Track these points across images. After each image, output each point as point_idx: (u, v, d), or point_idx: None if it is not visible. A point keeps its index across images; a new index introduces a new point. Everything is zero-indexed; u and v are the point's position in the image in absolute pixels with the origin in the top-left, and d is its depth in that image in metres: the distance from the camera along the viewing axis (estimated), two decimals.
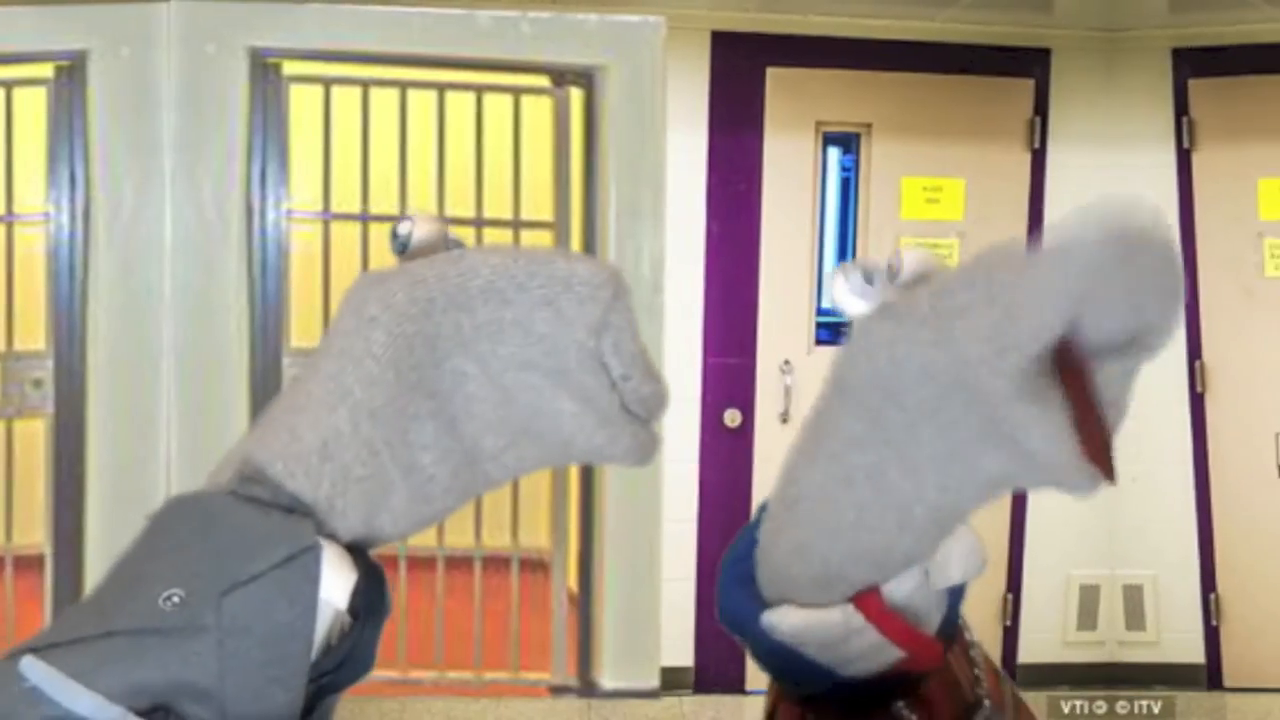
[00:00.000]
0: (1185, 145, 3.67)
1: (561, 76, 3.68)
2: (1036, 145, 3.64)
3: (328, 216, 3.65)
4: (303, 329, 3.71)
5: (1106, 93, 3.64)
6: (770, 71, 3.60)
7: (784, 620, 0.61)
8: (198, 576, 0.52)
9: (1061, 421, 0.55)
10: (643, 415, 0.60)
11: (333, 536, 0.55)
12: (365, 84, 3.63)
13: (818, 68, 3.61)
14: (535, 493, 3.72)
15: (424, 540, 3.96)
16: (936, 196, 3.66)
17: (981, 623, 3.95)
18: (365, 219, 3.70)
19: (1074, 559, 3.76)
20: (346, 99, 3.62)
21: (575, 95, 3.67)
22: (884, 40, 3.61)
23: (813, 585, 0.61)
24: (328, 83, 3.50)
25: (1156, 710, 3.75)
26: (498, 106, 3.65)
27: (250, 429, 0.58)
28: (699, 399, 3.66)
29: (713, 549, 4.05)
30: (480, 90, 3.63)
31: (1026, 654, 3.71)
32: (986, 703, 0.64)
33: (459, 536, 3.75)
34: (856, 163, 3.63)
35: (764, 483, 3.95)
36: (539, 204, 3.66)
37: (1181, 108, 3.66)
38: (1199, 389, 3.78)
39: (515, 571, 3.78)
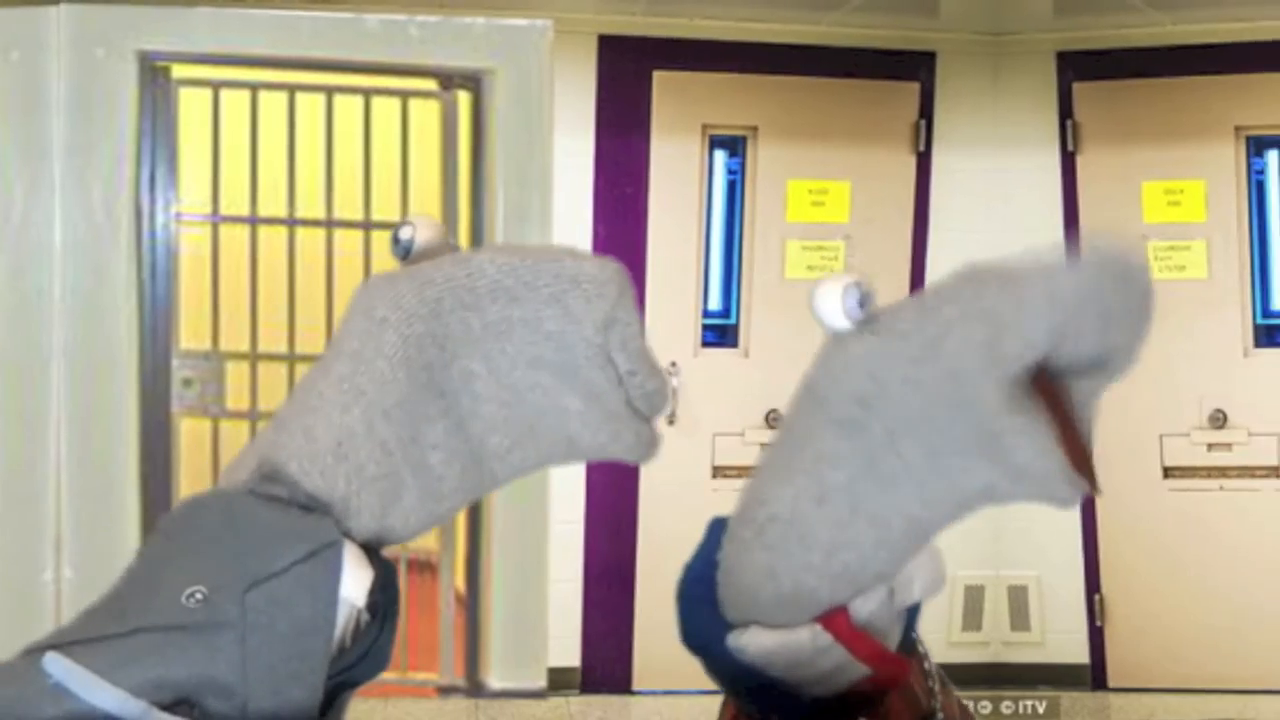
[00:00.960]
0: (1069, 148, 3.77)
1: (449, 80, 3.76)
2: (922, 148, 3.73)
3: (217, 219, 3.73)
4: (192, 331, 3.80)
5: (991, 96, 3.73)
6: (657, 75, 3.69)
7: (752, 642, 0.62)
8: (220, 573, 0.54)
9: (1049, 434, 0.57)
10: (645, 411, 0.61)
11: (348, 535, 0.57)
12: (254, 87, 3.72)
13: (704, 71, 3.70)
14: None
15: None
16: (822, 199, 3.74)
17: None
18: (254, 221, 3.78)
19: (959, 560, 3.83)
20: (235, 102, 3.69)
21: (463, 98, 3.76)
22: (770, 44, 3.70)
23: (781, 606, 0.61)
24: (216, 86, 3.60)
25: (1041, 710, 3.84)
26: (386, 110, 3.73)
27: (265, 429, 0.59)
28: None
29: (599, 550, 4.14)
30: (368, 93, 3.71)
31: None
32: (940, 715, 0.66)
33: None
34: (743, 165, 3.72)
35: (650, 485, 4.07)
36: (427, 206, 3.76)
37: (1066, 111, 3.76)
38: None
39: (403, 572, 3.85)
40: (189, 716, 0.52)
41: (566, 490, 3.89)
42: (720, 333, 3.90)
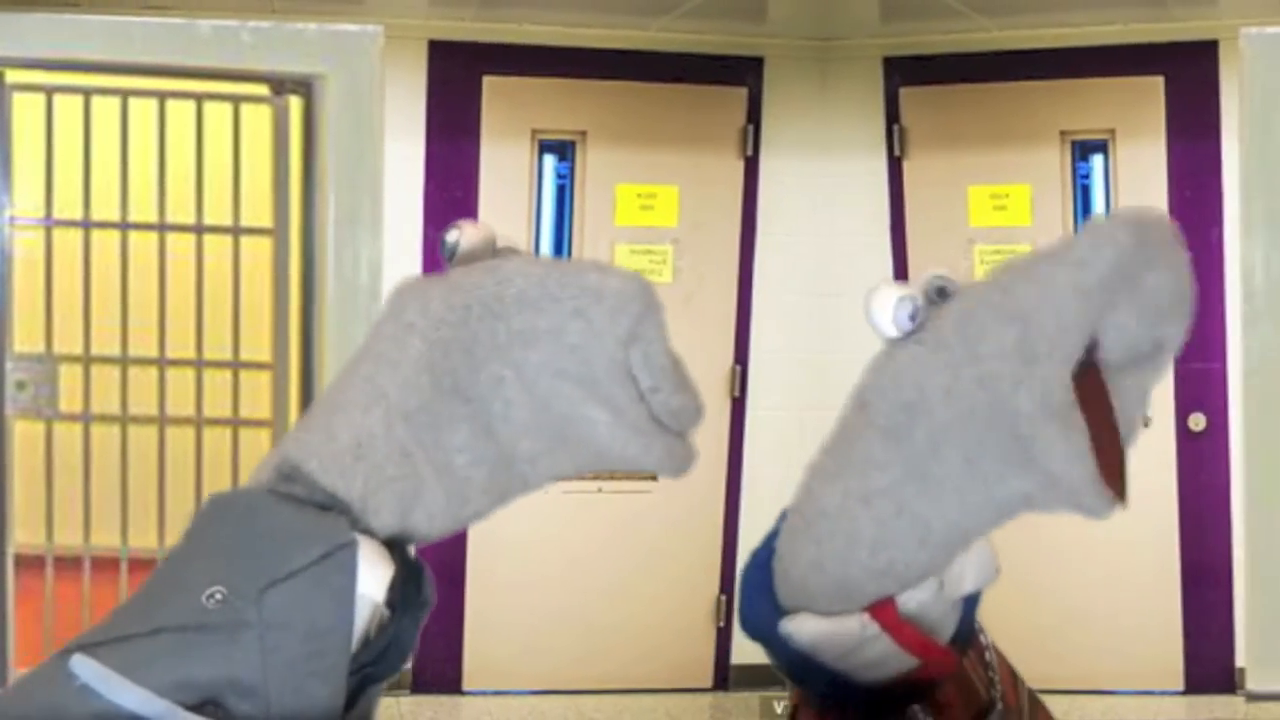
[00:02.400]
0: (896, 153, 3.89)
1: (281, 85, 3.89)
2: (749, 153, 3.85)
3: (50, 223, 3.85)
4: (25, 334, 3.90)
5: (819, 101, 3.86)
6: (486, 80, 3.81)
7: (801, 628, 0.63)
8: (238, 573, 0.54)
9: (1083, 443, 0.58)
10: (674, 427, 0.61)
11: (369, 533, 0.57)
12: (87, 92, 3.83)
13: (533, 76, 3.82)
14: None
15: (144, 542, 4.15)
16: (651, 203, 3.86)
17: (694, 624, 4.15)
18: (87, 225, 3.90)
19: None
20: (69, 107, 3.80)
21: (294, 103, 3.89)
22: (599, 49, 3.83)
23: (829, 596, 0.63)
24: (50, 91, 3.73)
25: None
26: (218, 114, 3.86)
27: (293, 427, 0.61)
28: None
29: (430, 551, 4.19)
30: (201, 98, 3.84)
31: (740, 655, 3.91)
32: (1000, 704, 0.67)
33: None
34: (572, 170, 3.84)
35: None
36: (259, 211, 3.88)
37: (893, 116, 3.88)
38: None
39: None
40: (214, 717, 0.53)
41: None
42: None
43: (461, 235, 0.63)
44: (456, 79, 4.21)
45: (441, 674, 4.32)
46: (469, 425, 0.60)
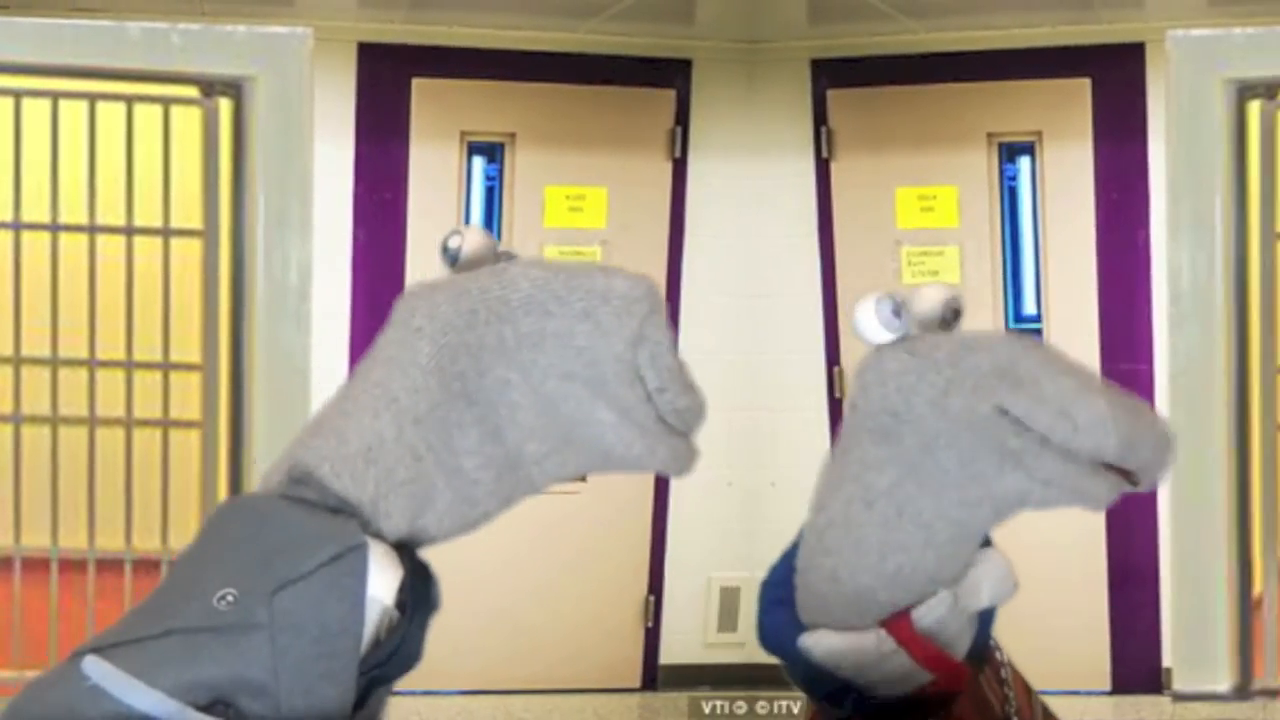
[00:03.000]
0: (824, 155, 3.94)
1: (210, 87, 3.94)
2: (678, 154, 3.90)
3: None
4: None
5: (747, 103, 3.91)
6: (416, 82, 3.87)
7: (819, 644, 0.65)
8: (249, 576, 0.55)
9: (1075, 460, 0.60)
10: (680, 427, 0.62)
11: (379, 536, 0.58)
12: (18, 94, 3.87)
13: (462, 78, 3.88)
14: (185, 495, 3.94)
15: (75, 543, 4.19)
16: (579, 205, 3.91)
17: (622, 625, 4.21)
18: (18, 227, 3.93)
19: (715, 561, 4.00)
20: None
21: (224, 105, 3.93)
22: (528, 51, 3.88)
23: (846, 609, 0.64)
24: None
25: (795, 710, 4.01)
26: (148, 116, 3.89)
27: (301, 432, 0.61)
28: None
29: None
30: (131, 100, 3.87)
31: (668, 655, 3.95)
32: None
33: (110, 539, 3.97)
34: (501, 172, 3.89)
35: None
36: (189, 213, 3.92)
37: (820, 118, 3.93)
38: (838, 394, 4.03)
39: (129, 574, 4.00)
40: (225, 717, 0.53)
41: None
42: None
43: (464, 240, 0.65)
44: (385, 81, 4.26)
45: None
46: (477, 428, 0.61)
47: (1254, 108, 4.41)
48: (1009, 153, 4.43)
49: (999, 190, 4.42)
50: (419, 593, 0.60)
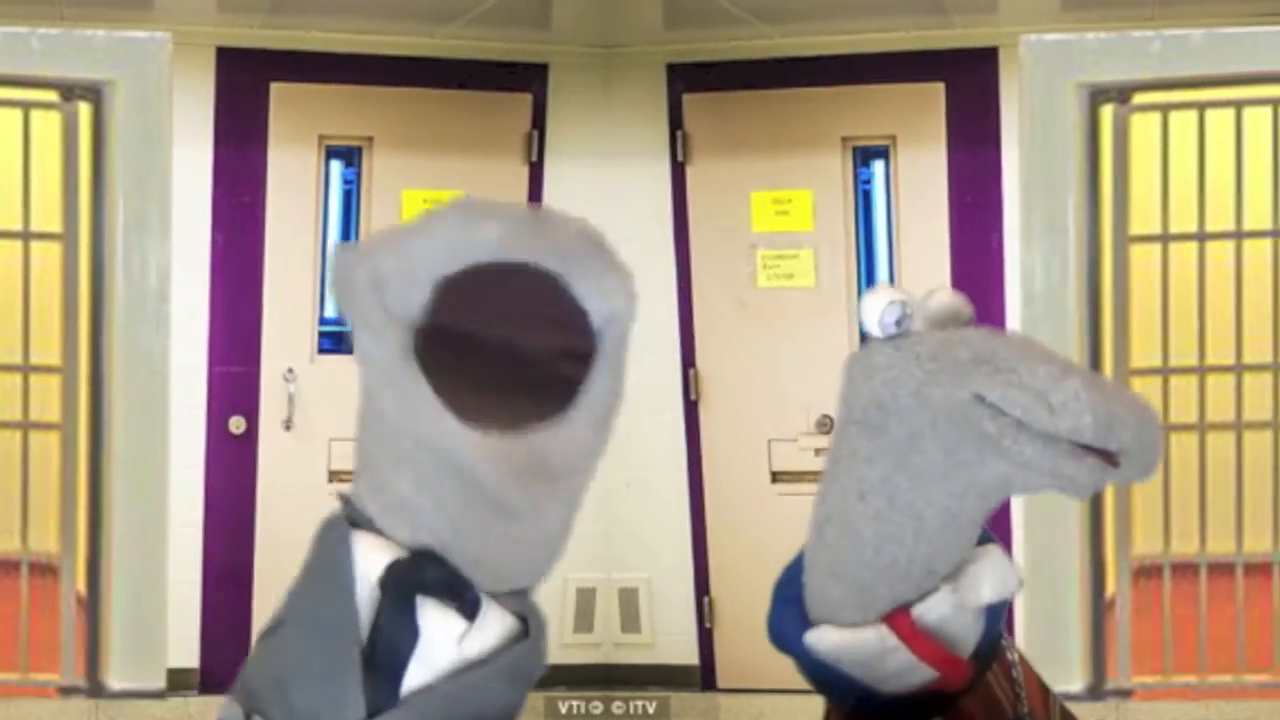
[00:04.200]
0: (679, 158, 4.04)
1: (70, 91, 4.03)
2: (534, 158, 4.00)
3: None
4: None
5: (603, 107, 4.00)
6: (274, 86, 3.97)
7: (822, 640, 0.66)
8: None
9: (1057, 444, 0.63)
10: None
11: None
12: None
13: (320, 82, 3.98)
14: (44, 496, 4.02)
15: None
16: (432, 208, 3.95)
17: None
18: None
19: (571, 562, 4.06)
20: None
21: (84, 109, 4.00)
22: (386, 56, 3.98)
23: (847, 605, 0.66)
24: None
25: (651, 710, 4.11)
26: (7, 121, 3.97)
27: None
28: (204, 406, 3.97)
29: (218, 553, 4.39)
30: None
31: None
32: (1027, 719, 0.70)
33: None
34: (358, 175, 3.97)
35: (268, 488, 4.31)
36: (48, 216, 4.01)
37: (676, 122, 4.03)
38: (693, 396, 4.14)
39: (25, 575, 4.10)
40: None
41: (186, 494, 4.17)
42: (337, 339, 4.19)
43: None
44: (244, 85, 4.38)
45: (230, 675, 4.42)
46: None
47: (1106, 112, 4.56)
48: (863, 156, 4.55)
49: (853, 194, 4.54)
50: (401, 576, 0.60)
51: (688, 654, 4.55)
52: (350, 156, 4.63)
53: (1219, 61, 4.58)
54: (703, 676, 4.56)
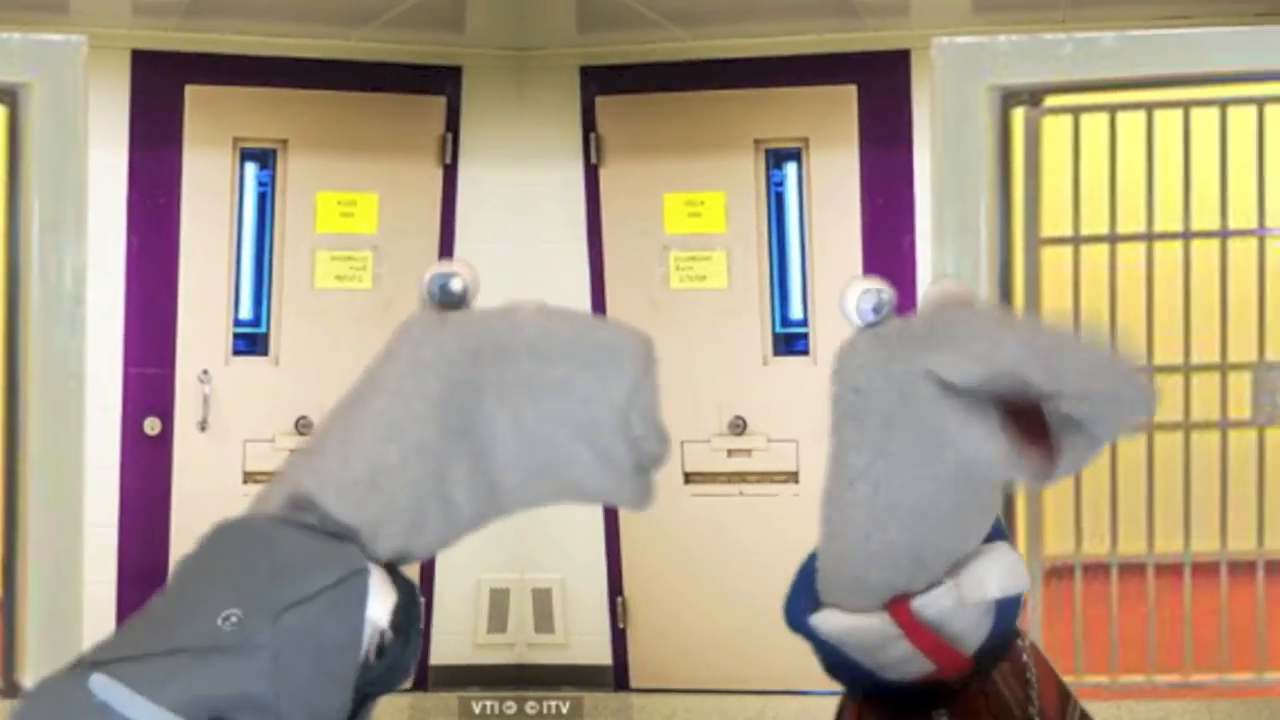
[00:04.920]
0: (593, 160, 4.11)
1: None
2: (448, 160, 4.07)
3: None
4: None
5: (516, 110, 4.06)
6: (189, 89, 4.05)
7: (826, 623, 0.74)
8: (253, 597, 0.61)
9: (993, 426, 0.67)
10: (648, 468, 0.72)
11: (373, 558, 0.66)
12: None
13: (235, 85, 4.06)
14: None
15: None
16: (351, 211, 4.07)
17: None
18: None
19: (484, 562, 4.16)
20: None
21: None
22: (300, 59, 4.07)
23: (849, 590, 0.73)
24: None
25: (565, 710, 4.17)
26: None
27: (297, 455, 0.68)
28: (120, 407, 4.03)
29: (133, 553, 4.44)
30: None
31: (438, 656, 4.12)
32: None
33: None
34: (273, 178, 4.02)
35: (183, 488, 4.36)
36: None
37: (589, 124, 4.10)
38: None
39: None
40: None
41: (101, 494, 4.22)
42: (251, 341, 4.25)
43: (466, 281, 0.70)
44: (159, 88, 4.45)
45: None
46: (467, 460, 0.68)
47: (1018, 114, 4.64)
48: (776, 159, 4.62)
49: (766, 196, 4.61)
50: (410, 614, 0.66)
51: (601, 654, 4.61)
52: (265, 159, 4.72)
53: (1130, 64, 4.65)
54: (616, 676, 4.63)
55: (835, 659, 0.70)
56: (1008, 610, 0.68)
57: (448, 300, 0.68)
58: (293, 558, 0.60)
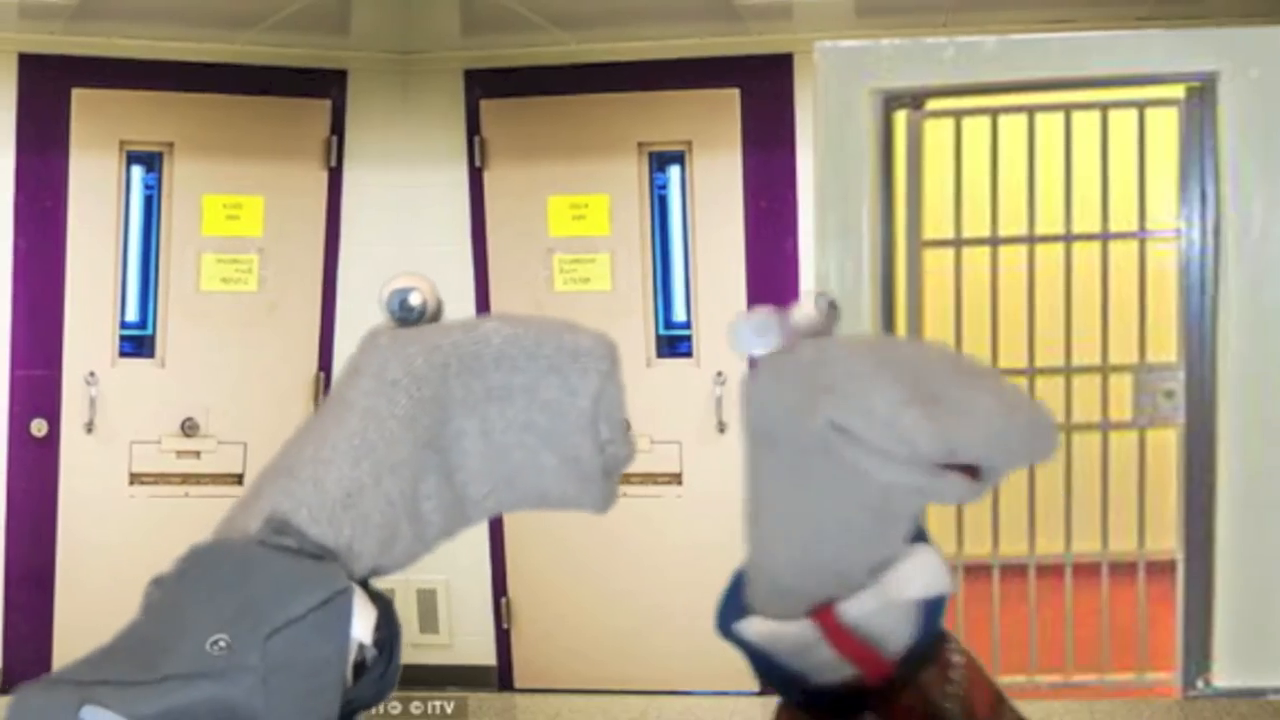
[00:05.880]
0: (477, 164, 4.17)
1: None
2: (334, 164, 4.14)
3: None
4: None
5: (401, 113, 4.13)
6: (76, 92, 4.12)
7: (749, 629, 0.69)
8: (241, 621, 0.60)
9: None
10: (613, 472, 0.71)
11: (349, 576, 0.64)
12: None
13: (122, 88, 4.11)
14: None
15: None
16: (237, 213, 4.13)
17: None
18: None
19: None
20: None
21: None
22: (186, 62, 4.14)
23: (771, 600, 0.69)
24: None
25: (449, 710, 4.24)
26: None
27: (265, 478, 0.67)
28: (6, 409, 4.08)
29: (20, 555, 4.52)
30: None
31: None
32: None
33: None
34: (160, 180, 4.07)
35: (70, 490, 4.43)
36: None
37: (474, 128, 4.17)
38: None
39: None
40: None
41: None
42: (137, 343, 4.32)
43: (425, 296, 0.69)
44: (46, 91, 4.54)
45: (32, 676, 4.54)
46: (436, 475, 0.67)
47: (900, 117, 4.72)
48: (659, 162, 4.70)
49: (649, 199, 4.69)
50: (390, 629, 0.66)
51: (485, 654, 4.70)
52: (151, 162, 4.84)
53: (1011, 68, 4.74)
54: (500, 677, 4.72)
55: (766, 665, 0.67)
56: (933, 612, 0.67)
57: (407, 316, 0.67)
58: (277, 581, 0.60)
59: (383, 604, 0.64)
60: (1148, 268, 4.98)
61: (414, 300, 0.67)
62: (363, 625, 0.61)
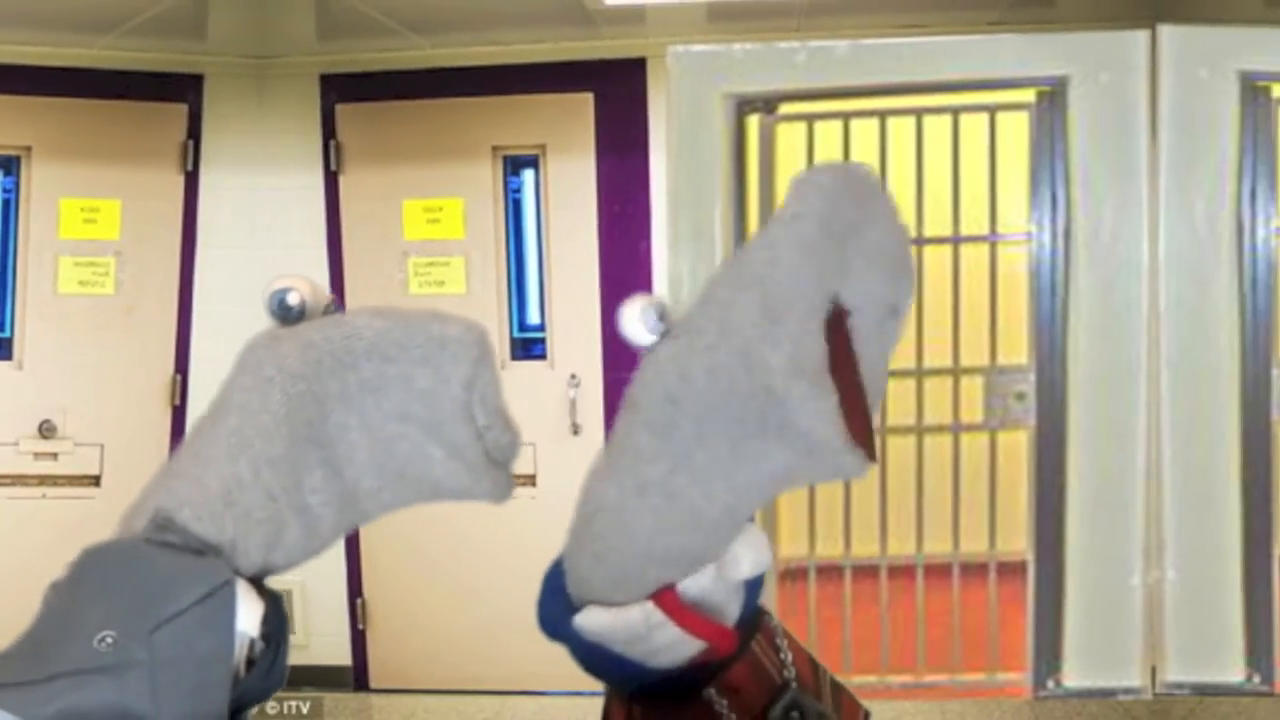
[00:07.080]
0: (333, 168, 4.24)
1: None
2: (190, 168, 4.19)
3: None
4: None
5: (257, 117, 4.20)
6: None
7: (588, 620, 0.69)
8: (126, 617, 0.60)
9: (832, 402, 0.64)
10: (501, 460, 0.72)
11: (236, 572, 0.65)
12: None
13: None
14: None
15: None
16: (94, 217, 4.21)
17: None
18: None
19: None
20: None
21: None
22: (43, 66, 4.19)
23: (612, 587, 0.69)
24: None
25: (305, 710, 4.30)
26: None
27: (155, 480, 0.68)
28: None
29: None
30: None
31: None
32: (794, 685, 0.73)
33: None
34: (17, 184, 4.13)
35: None
36: None
37: (329, 132, 4.23)
38: None
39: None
40: None
41: None
42: (5, 346, 4.36)
43: (303, 295, 0.71)
44: None
45: None
46: (322, 469, 0.68)
47: (753, 121, 4.78)
48: (514, 165, 4.77)
49: (504, 202, 4.76)
50: (278, 623, 0.68)
51: (341, 655, 4.78)
52: (9, 165, 4.97)
53: (863, 72, 4.81)
54: (356, 677, 4.80)
55: (597, 658, 0.67)
56: (754, 585, 0.69)
57: (285, 315, 0.69)
58: (160, 575, 0.61)
59: (271, 599, 0.65)
60: (999, 271, 5.07)
61: (291, 300, 0.69)
62: (249, 619, 0.62)
